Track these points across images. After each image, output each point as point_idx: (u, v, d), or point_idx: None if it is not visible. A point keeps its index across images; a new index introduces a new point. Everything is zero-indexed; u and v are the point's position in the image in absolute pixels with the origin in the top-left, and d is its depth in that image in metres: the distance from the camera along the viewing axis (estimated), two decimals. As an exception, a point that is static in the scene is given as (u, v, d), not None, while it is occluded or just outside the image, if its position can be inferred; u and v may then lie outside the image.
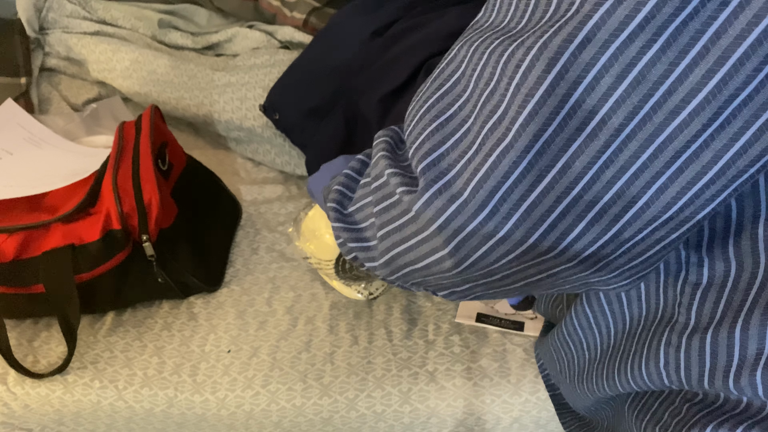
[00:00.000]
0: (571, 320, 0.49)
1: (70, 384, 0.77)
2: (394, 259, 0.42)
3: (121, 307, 0.86)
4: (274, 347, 0.80)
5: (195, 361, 0.79)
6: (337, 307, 0.84)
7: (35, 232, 0.78)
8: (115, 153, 0.82)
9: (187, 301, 0.86)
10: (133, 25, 1.20)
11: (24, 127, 0.98)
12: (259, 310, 0.85)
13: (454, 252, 0.37)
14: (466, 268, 0.38)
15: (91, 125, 1.06)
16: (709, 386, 0.39)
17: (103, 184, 0.80)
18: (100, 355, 0.80)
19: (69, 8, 1.20)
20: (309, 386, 0.76)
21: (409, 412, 0.74)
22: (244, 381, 0.76)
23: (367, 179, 0.44)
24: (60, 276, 0.77)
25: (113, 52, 1.14)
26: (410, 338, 0.79)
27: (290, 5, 1.20)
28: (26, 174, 0.88)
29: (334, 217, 0.45)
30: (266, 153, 1.08)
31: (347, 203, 0.46)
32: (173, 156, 0.89)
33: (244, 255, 0.93)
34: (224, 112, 1.07)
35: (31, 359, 0.80)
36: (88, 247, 0.77)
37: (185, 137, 1.14)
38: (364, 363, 0.77)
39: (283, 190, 1.05)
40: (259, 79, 1.07)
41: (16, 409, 0.77)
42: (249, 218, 0.99)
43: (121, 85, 1.14)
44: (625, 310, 0.45)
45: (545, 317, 0.61)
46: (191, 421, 0.77)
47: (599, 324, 0.47)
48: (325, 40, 1.06)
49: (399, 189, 0.39)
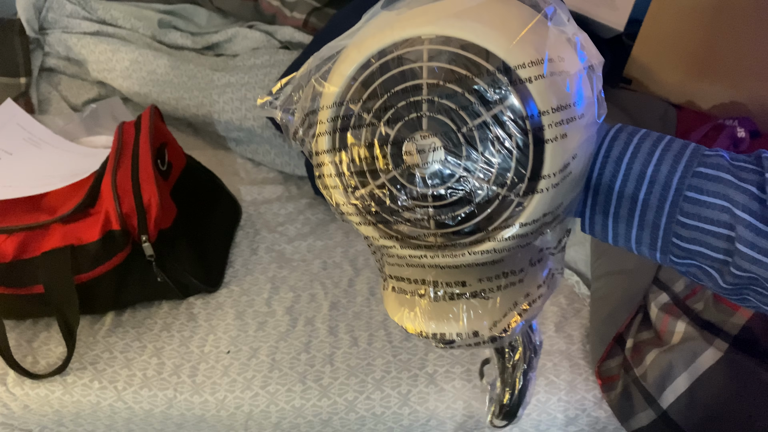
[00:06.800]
0: None
1: (69, 385, 0.77)
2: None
3: (120, 308, 0.85)
4: (273, 348, 0.80)
5: (194, 361, 0.79)
6: (336, 308, 0.84)
7: (35, 233, 0.78)
8: (114, 153, 0.82)
9: (187, 301, 0.86)
10: (132, 25, 1.20)
11: (23, 128, 0.98)
12: (259, 311, 0.85)
13: None
14: None
15: (91, 125, 1.06)
16: None
17: (102, 184, 0.80)
18: (100, 355, 0.80)
19: (69, 8, 1.20)
20: (308, 387, 0.76)
21: (408, 414, 0.74)
22: (244, 382, 0.76)
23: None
24: (59, 276, 0.77)
25: (113, 52, 1.14)
26: (410, 340, 0.79)
27: (290, 5, 1.20)
28: (26, 174, 0.88)
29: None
30: (266, 153, 1.07)
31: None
32: (173, 156, 0.89)
33: (244, 255, 0.93)
34: (224, 113, 1.07)
35: (30, 360, 0.79)
36: (87, 247, 0.77)
37: (185, 137, 1.14)
38: (363, 365, 0.77)
39: (283, 190, 1.05)
40: (259, 80, 1.07)
41: (16, 409, 0.77)
42: (249, 218, 0.99)
43: (120, 85, 1.14)
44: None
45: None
46: (190, 422, 0.77)
47: None
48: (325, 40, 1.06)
49: None
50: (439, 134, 0.37)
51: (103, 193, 0.80)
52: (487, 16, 0.38)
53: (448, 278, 0.44)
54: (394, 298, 0.47)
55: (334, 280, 0.88)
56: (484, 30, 0.37)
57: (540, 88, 0.36)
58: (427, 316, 0.45)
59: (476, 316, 0.44)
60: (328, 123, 0.41)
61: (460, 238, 0.40)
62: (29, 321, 0.84)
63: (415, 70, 0.37)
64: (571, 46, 0.39)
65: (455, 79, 0.37)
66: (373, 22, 0.42)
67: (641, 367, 0.70)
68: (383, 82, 0.38)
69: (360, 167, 0.40)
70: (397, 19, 0.40)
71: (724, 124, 0.88)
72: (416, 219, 0.40)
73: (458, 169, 0.37)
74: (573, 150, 0.37)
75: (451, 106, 0.37)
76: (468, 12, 0.38)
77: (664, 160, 0.39)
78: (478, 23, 0.37)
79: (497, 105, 0.36)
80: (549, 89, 0.36)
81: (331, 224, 0.98)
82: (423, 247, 0.41)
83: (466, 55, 0.36)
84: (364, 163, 0.40)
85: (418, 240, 0.41)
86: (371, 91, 0.39)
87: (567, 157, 0.37)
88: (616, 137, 0.40)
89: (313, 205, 1.02)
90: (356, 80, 0.39)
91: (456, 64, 0.37)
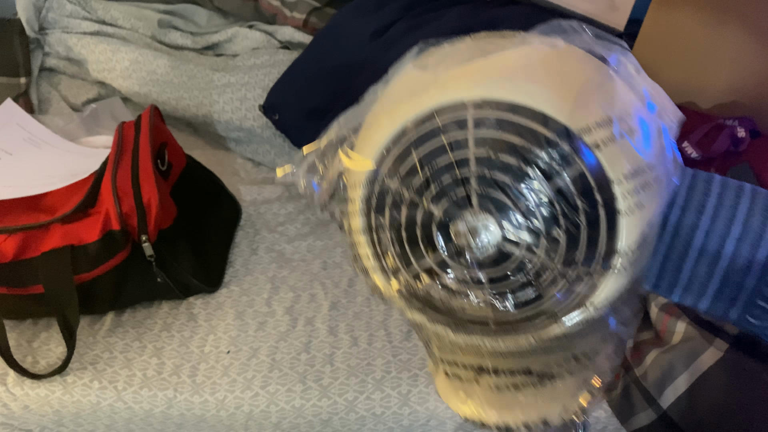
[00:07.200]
0: None
1: (69, 385, 0.77)
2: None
3: (120, 308, 0.85)
4: (273, 348, 0.80)
5: (194, 362, 0.79)
6: (336, 308, 0.84)
7: (34, 233, 0.78)
8: (114, 153, 0.82)
9: (187, 301, 0.86)
10: (132, 25, 1.20)
11: (23, 128, 0.98)
12: (259, 311, 0.85)
13: None
14: None
15: (91, 125, 1.06)
16: None
17: (102, 184, 0.80)
18: (100, 355, 0.80)
19: (69, 8, 1.20)
20: (308, 387, 0.76)
21: (408, 414, 0.74)
22: (244, 382, 0.76)
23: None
24: (59, 276, 0.77)
25: (113, 52, 1.14)
26: (410, 340, 0.79)
27: (290, 5, 1.20)
28: (26, 174, 0.88)
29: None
30: (266, 153, 1.07)
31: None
32: (173, 156, 0.89)
33: (244, 255, 0.93)
34: (224, 113, 1.07)
35: (30, 360, 0.79)
36: (87, 247, 0.77)
37: (185, 137, 1.14)
38: (363, 365, 0.77)
39: (283, 190, 1.05)
40: (259, 80, 1.07)
41: (16, 409, 0.77)
42: (249, 218, 0.99)
43: (120, 85, 1.14)
44: None
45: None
46: (190, 422, 0.77)
47: None
48: (325, 40, 1.06)
49: None
50: (492, 212, 0.32)
51: (102, 193, 0.80)
52: (541, 73, 0.32)
53: (510, 365, 0.38)
54: (447, 382, 0.41)
55: (334, 280, 0.88)
56: (540, 90, 0.31)
57: (609, 153, 0.30)
58: (487, 405, 0.40)
59: (543, 403, 0.38)
60: (361, 203, 0.35)
61: (522, 323, 0.34)
62: (29, 321, 0.84)
63: (459, 140, 0.32)
64: (640, 100, 0.34)
65: (508, 149, 0.31)
66: (404, 84, 0.36)
67: (641, 367, 0.70)
68: (423, 155, 0.33)
69: (402, 249, 0.35)
70: (434, 80, 0.34)
71: (724, 124, 0.88)
72: (470, 303, 0.35)
73: (517, 249, 0.32)
74: (650, 218, 0.32)
75: (505, 182, 0.31)
76: (518, 70, 0.32)
77: (752, 215, 0.34)
78: (532, 83, 0.31)
79: (560, 176, 0.31)
80: (620, 154, 0.31)
81: (331, 224, 0.98)
82: (479, 332, 0.36)
83: (519, 122, 0.31)
84: (407, 244, 0.35)
85: (473, 323, 0.36)
86: (409, 166, 0.33)
87: (644, 227, 0.32)
88: (693, 186, 0.35)
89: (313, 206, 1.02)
90: (389, 152, 0.34)
91: (507, 131, 0.31)
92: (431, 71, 0.34)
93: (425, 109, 0.33)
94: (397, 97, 0.35)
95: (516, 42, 0.33)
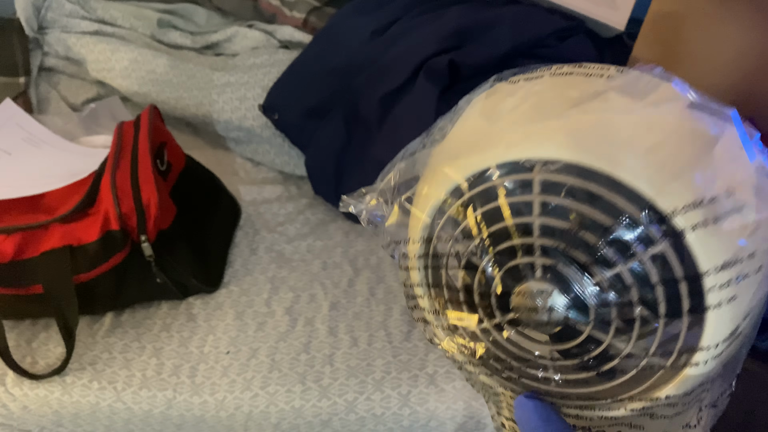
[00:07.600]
0: None
1: (68, 385, 0.77)
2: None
3: (119, 308, 0.85)
4: (273, 348, 0.79)
5: (194, 362, 0.79)
6: (336, 308, 0.84)
7: (33, 233, 0.78)
8: (113, 153, 0.82)
9: (186, 301, 0.86)
10: (132, 24, 1.20)
11: (22, 127, 0.97)
12: (258, 311, 0.84)
13: None
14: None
15: (90, 125, 1.05)
16: None
17: (101, 184, 0.80)
18: (99, 356, 0.79)
19: (68, 8, 1.20)
20: (308, 388, 0.75)
21: (408, 414, 0.74)
22: (243, 382, 0.76)
23: None
24: (58, 277, 0.76)
25: (112, 52, 1.14)
26: (410, 340, 0.79)
27: (290, 5, 1.20)
28: (24, 174, 0.88)
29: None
30: (265, 153, 1.07)
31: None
32: (172, 156, 0.88)
33: (243, 255, 0.93)
34: (223, 112, 1.07)
35: (29, 360, 0.79)
36: (86, 247, 0.77)
37: (184, 137, 1.13)
38: (363, 365, 0.77)
39: (283, 190, 1.05)
40: (259, 79, 1.06)
41: (15, 410, 0.77)
42: (248, 218, 0.99)
43: (120, 84, 1.14)
44: None
45: None
46: (190, 423, 0.77)
47: None
48: (324, 39, 1.06)
49: None
50: (557, 286, 0.28)
51: (102, 193, 0.80)
52: (627, 133, 0.26)
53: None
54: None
55: (334, 280, 0.88)
56: (625, 158, 0.26)
57: (703, 240, 0.25)
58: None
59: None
60: (417, 260, 0.33)
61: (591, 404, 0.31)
62: (28, 321, 0.84)
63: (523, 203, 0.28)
64: (744, 168, 0.28)
65: (581, 221, 0.27)
66: (469, 130, 0.31)
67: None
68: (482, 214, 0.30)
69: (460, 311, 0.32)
70: (500, 132, 0.29)
71: (725, 124, 0.88)
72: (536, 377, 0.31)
73: (585, 327, 0.28)
74: (745, 312, 0.27)
75: (576, 259, 0.27)
76: (598, 128, 0.26)
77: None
78: (616, 148, 0.26)
79: (640, 257, 0.26)
80: (715, 241, 0.26)
81: (331, 224, 0.98)
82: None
83: (598, 193, 0.26)
84: (465, 306, 0.32)
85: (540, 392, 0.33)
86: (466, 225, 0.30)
87: (736, 322, 0.27)
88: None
89: (313, 205, 1.02)
90: (445, 210, 0.31)
91: (581, 201, 0.27)
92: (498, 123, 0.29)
93: (489, 164, 0.29)
94: (460, 147, 0.31)
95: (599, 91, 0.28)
